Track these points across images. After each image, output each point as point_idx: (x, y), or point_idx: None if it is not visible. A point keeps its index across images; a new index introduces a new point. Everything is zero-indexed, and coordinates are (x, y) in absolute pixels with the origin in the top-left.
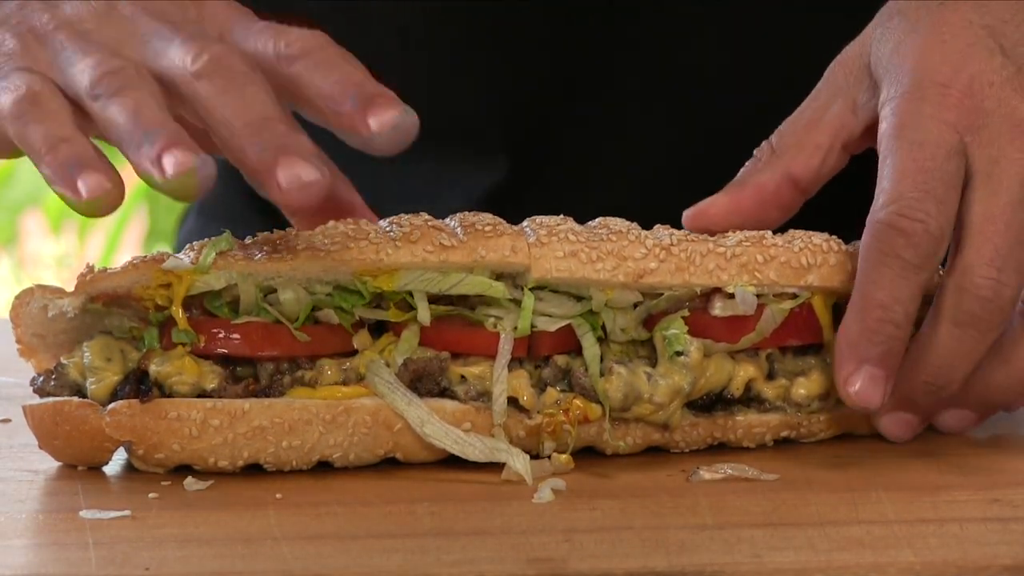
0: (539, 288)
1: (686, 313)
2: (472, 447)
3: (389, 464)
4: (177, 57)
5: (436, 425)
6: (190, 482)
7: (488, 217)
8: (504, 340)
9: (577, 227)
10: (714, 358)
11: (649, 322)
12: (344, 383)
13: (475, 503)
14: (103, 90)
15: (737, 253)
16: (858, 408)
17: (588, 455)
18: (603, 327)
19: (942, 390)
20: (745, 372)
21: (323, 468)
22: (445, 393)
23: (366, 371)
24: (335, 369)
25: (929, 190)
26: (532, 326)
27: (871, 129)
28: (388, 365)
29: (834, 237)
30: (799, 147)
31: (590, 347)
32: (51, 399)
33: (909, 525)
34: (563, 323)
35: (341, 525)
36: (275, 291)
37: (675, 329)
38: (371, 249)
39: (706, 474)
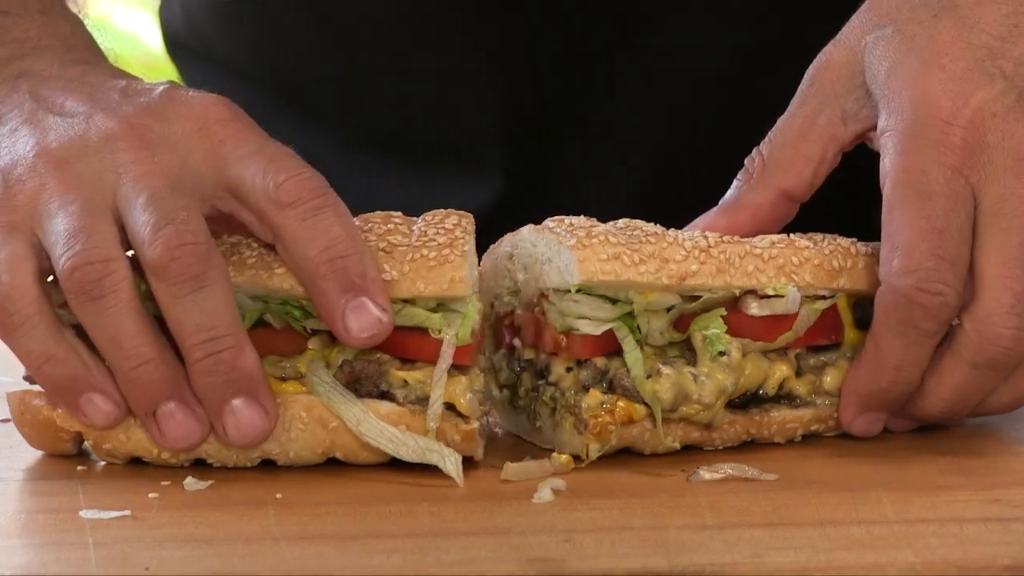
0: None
1: (723, 312)
2: (406, 446)
3: (389, 464)
4: (138, 229)
5: (372, 424)
6: (190, 482)
7: (449, 224)
8: (446, 346)
9: (611, 228)
10: (750, 357)
11: (679, 324)
12: (282, 380)
13: (475, 503)
14: (76, 289)
15: (773, 255)
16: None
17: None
18: (637, 329)
19: (954, 417)
20: (779, 371)
21: (323, 469)
22: (385, 396)
23: (306, 370)
24: (272, 366)
25: (944, 255)
26: (571, 328)
27: (861, 137)
28: (329, 366)
29: (858, 241)
30: (791, 161)
31: (632, 350)
32: (23, 388)
33: (909, 525)
34: (607, 326)
35: (341, 525)
36: None
37: (715, 329)
38: None
39: (706, 474)
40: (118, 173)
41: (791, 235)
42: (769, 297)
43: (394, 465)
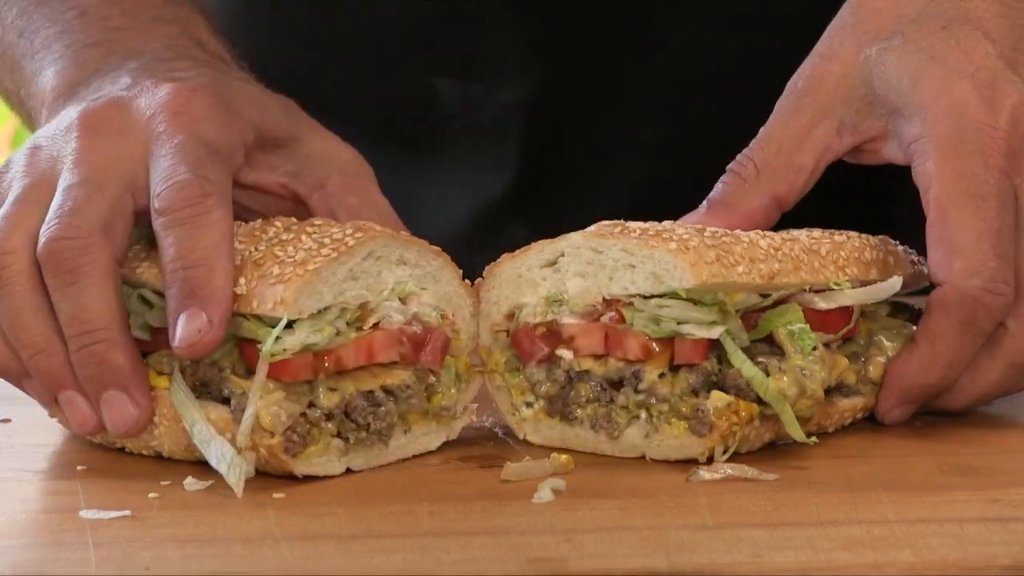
0: (653, 296)
1: (800, 308)
2: (213, 452)
3: (388, 465)
4: (47, 218)
5: (200, 426)
6: (190, 482)
7: (329, 239)
8: (260, 361)
9: (689, 230)
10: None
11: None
12: (160, 374)
13: (475, 503)
14: None
15: (829, 250)
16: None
17: (588, 455)
18: None
19: (974, 408)
20: (842, 362)
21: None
22: (227, 401)
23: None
24: (156, 361)
25: (1003, 254)
26: (675, 333)
27: (855, 148)
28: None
29: (867, 235)
30: (785, 169)
31: (735, 351)
32: None
33: (909, 525)
34: (718, 328)
35: (341, 525)
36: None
37: (799, 324)
38: None
39: (706, 474)
40: (63, 161)
41: (824, 230)
42: (830, 291)
43: (393, 465)
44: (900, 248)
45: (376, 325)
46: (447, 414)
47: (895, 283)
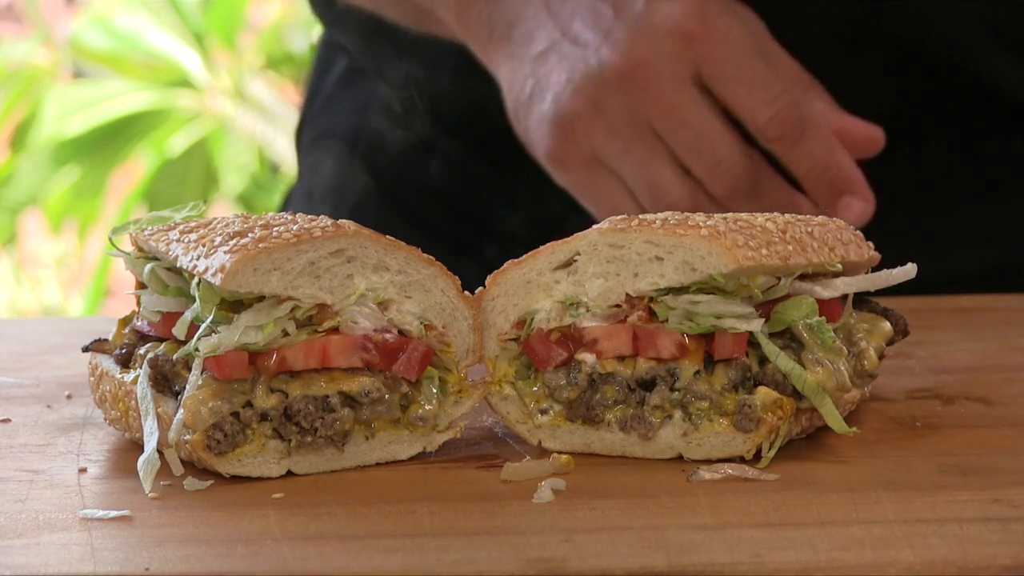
0: (678, 291)
1: (813, 299)
2: (147, 447)
3: (388, 464)
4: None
5: (150, 422)
6: (190, 482)
7: (300, 227)
8: (196, 359)
9: (707, 217)
10: None
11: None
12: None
13: (475, 503)
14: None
15: (819, 233)
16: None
17: (589, 455)
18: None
19: None
20: (842, 353)
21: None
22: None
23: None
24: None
25: None
26: (716, 328)
27: None
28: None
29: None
30: None
31: (768, 344)
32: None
33: (909, 525)
34: (760, 322)
35: (341, 525)
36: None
37: (816, 318)
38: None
39: (706, 474)
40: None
41: (784, 215)
42: (830, 279)
43: (392, 465)
44: (854, 229)
45: (335, 329)
46: (424, 425)
47: (910, 270)
